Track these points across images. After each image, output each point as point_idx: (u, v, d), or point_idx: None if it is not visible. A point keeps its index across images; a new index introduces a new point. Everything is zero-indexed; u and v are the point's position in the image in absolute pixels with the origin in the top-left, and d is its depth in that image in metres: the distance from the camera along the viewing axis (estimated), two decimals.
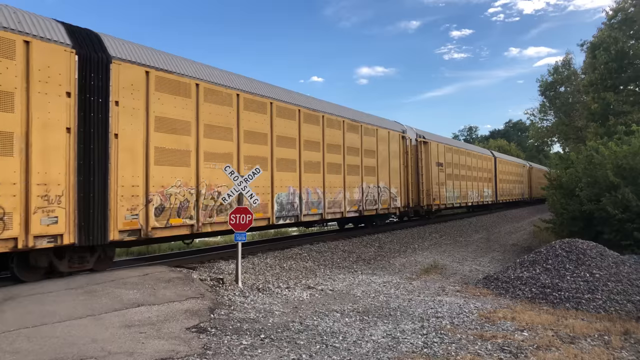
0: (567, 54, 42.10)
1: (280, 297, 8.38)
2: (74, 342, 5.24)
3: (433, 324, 6.78)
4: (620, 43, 24.49)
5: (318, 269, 11.47)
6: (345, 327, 6.55)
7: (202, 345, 5.44)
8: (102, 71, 8.43)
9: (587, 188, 14.64)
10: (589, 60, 28.05)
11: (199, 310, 6.88)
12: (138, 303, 6.83)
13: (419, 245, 16.89)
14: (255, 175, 9.45)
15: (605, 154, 15.02)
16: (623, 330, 6.77)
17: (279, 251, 12.75)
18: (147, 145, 9.20)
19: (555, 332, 6.56)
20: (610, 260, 9.97)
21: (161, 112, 9.54)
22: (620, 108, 24.38)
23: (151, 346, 5.26)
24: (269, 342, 5.74)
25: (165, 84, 9.70)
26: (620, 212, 13.18)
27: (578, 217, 14.89)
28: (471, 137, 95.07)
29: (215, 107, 10.93)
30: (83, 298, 6.86)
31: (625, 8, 26.23)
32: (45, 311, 6.20)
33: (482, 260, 14.80)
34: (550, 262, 10.08)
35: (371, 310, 7.57)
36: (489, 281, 10.20)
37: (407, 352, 5.51)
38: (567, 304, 8.55)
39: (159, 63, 9.70)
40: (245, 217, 8.98)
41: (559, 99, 42.17)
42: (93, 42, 8.54)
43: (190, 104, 10.28)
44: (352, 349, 5.58)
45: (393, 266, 12.76)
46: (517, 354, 5.52)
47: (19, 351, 4.92)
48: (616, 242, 13.09)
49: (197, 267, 10.06)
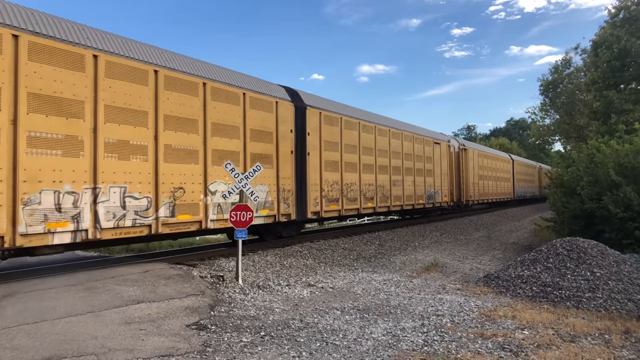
0: (567, 52, 42.03)
1: (281, 294, 8.37)
2: (73, 338, 5.23)
3: (433, 322, 6.77)
4: (622, 41, 24.40)
5: (318, 267, 11.46)
6: (346, 324, 6.54)
7: (202, 342, 5.44)
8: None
9: (589, 187, 14.61)
10: (591, 59, 27.95)
11: (199, 307, 6.88)
12: (138, 300, 6.82)
13: (420, 244, 16.88)
14: (256, 173, 9.43)
15: (607, 153, 14.98)
16: (624, 329, 6.76)
17: (279, 249, 12.74)
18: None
19: (555, 330, 6.55)
20: (611, 259, 9.95)
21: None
22: (623, 106, 24.28)
23: (151, 343, 5.26)
24: (269, 339, 5.73)
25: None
26: (621, 211, 13.16)
27: (579, 216, 14.87)
28: (470, 136, 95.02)
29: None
30: (83, 295, 6.86)
31: (628, 6, 26.12)
32: (45, 307, 6.20)
33: (482, 258, 14.79)
34: (551, 261, 10.06)
35: (371, 308, 7.56)
36: (490, 279, 10.19)
37: (408, 350, 5.50)
38: (567, 303, 8.54)
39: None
40: (245, 215, 8.96)
41: (560, 99, 42.07)
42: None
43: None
44: (353, 347, 5.57)
45: (393, 264, 12.75)
46: (518, 352, 5.50)
47: (18, 347, 4.91)
48: (617, 241, 13.07)
49: (197, 264, 10.05)
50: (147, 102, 9.34)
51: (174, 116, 9.87)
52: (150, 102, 9.39)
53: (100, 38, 8.83)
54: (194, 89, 10.39)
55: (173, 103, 9.87)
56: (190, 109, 10.25)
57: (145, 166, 9.16)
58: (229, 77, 11.68)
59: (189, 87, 10.27)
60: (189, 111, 10.22)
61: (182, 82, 10.09)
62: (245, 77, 12.45)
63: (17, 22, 7.51)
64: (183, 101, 10.09)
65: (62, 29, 8.22)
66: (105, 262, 10.70)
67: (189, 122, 10.21)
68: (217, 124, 10.93)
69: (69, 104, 7.98)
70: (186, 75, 10.23)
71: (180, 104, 10.02)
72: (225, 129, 11.19)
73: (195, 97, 10.40)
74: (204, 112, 10.58)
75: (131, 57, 9.17)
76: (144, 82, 9.28)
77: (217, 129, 10.89)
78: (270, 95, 12.80)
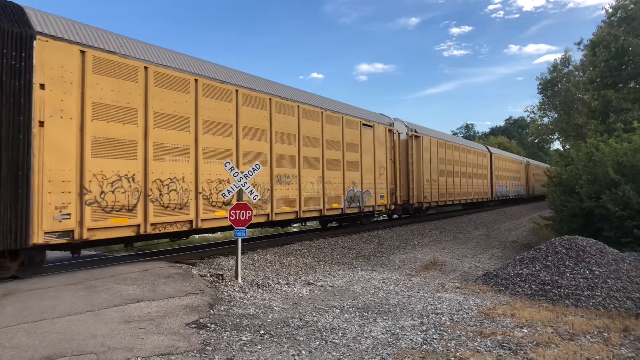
0: (565, 51, 42.00)
1: (280, 293, 8.38)
2: (73, 337, 5.23)
3: (433, 321, 6.78)
4: (620, 41, 24.43)
5: (318, 266, 11.47)
6: (345, 323, 6.54)
7: (202, 341, 5.44)
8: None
9: (588, 185, 14.63)
10: (589, 58, 27.97)
11: (199, 306, 6.88)
12: (138, 299, 6.83)
13: (419, 242, 16.90)
14: (256, 172, 9.43)
15: (606, 152, 15.00)
16: (622, 328, 6.77)
17: (279, 247, 12.75)
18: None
19: (554, 329, 6.56)
20: (610, 257, 9.97)
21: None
22: (621, 106, 24.32)
23: (151, 342, 5.26)
24: (268, 338, 5.74)
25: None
26: (620, 210, 13.18)
27: (578, 215, 14.89)
28: (469, 135, 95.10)
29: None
30: (83, 294, 6.86)
31: (626, 5, 26.15)
32: (45, 307, 6.20)
33: (481, 257, 14.80)
34: (550, 260, 10.08)
35: (371, 307, 7.57)
36: (489, 278, 10.20)
37: (407, 349, 5.51)
38: (566, 301, 8.56)
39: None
40: (245, 214, 8.96)
41: (558, 98, 42.09)
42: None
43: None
44: (352, 346, 5.58)
45: (393, 263, 12.76)
46: (517, 350, 5.51)
47: (18, 347, 4.91)
48: (616, 240, 13.09)
49: (197, 263, 10.06)
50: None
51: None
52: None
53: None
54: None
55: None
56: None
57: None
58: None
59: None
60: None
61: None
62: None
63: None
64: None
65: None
66: (105, 261, 10.70)
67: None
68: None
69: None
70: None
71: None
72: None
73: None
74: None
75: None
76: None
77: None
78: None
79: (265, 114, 12.67)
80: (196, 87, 10.57)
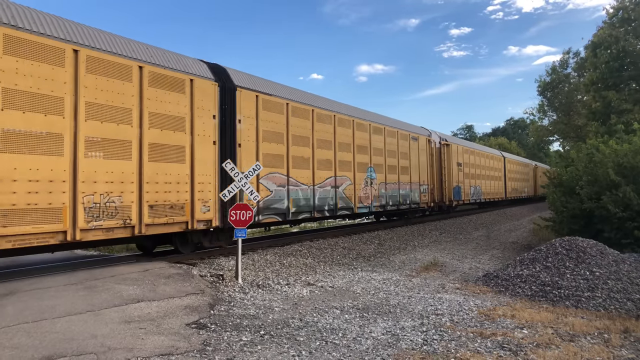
0: (564, 53, 41.98)
1: (280, 293, 8.37)
2: (73, 337, 5.23)
3: (433, 321, 6.78)
4: (621, 42, 24.43)
5: (318, 266, 11.46)
6: (345, 323, 6.54)
7: (202, 341, 5.44)
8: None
9: (588, 186, 14.62)
10: (590, 59, 27.95)
11: (199, 306, 6.88)
12: (138, 299, 6.82)
13: (419, 243, 16.89)
14: (256, 172, 9.44)
15: (606, 152, 15.00)
16: (623, 329, 6.77)
17: (279, 248, 12.74)
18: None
19: (555, 330, 6.56)
20: (610, 258, 9.97)
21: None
22: (622, 107, 24.33)
23: (151, 342, 5.26)
24: (268, 338, 5.73)
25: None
26: (620, 211, 13.17)
27: (578, 215, 14.88)
28: (470, 136, 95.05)
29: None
30: (83, 293, 6.86)
31: (626, 6, 26.13)
32: (45, 306, 6.20)
33: (481, 257, 14.80)
34: (550, 260, 10.08)
35: (371, 307, 7.57)
36: (489, 279, 10.20)
37: (407, 349, 5.50)
38: (566, 302, 8.55)
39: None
40: (245, 214, 8.97)
41: (557, 99, 42.09)
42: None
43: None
44: (352, 346, 5.58)
45: (393, 263, 12.76)
46: (517, 351, 5.51)
47: (18, 346, 4.91)
48: (616, 241, 13.09)
49: (197, 263, 10.05)
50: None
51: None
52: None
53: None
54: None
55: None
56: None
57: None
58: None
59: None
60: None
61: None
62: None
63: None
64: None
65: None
66: (105, 261, 10.69)
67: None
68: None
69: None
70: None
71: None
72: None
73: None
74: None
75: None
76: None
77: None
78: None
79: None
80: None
